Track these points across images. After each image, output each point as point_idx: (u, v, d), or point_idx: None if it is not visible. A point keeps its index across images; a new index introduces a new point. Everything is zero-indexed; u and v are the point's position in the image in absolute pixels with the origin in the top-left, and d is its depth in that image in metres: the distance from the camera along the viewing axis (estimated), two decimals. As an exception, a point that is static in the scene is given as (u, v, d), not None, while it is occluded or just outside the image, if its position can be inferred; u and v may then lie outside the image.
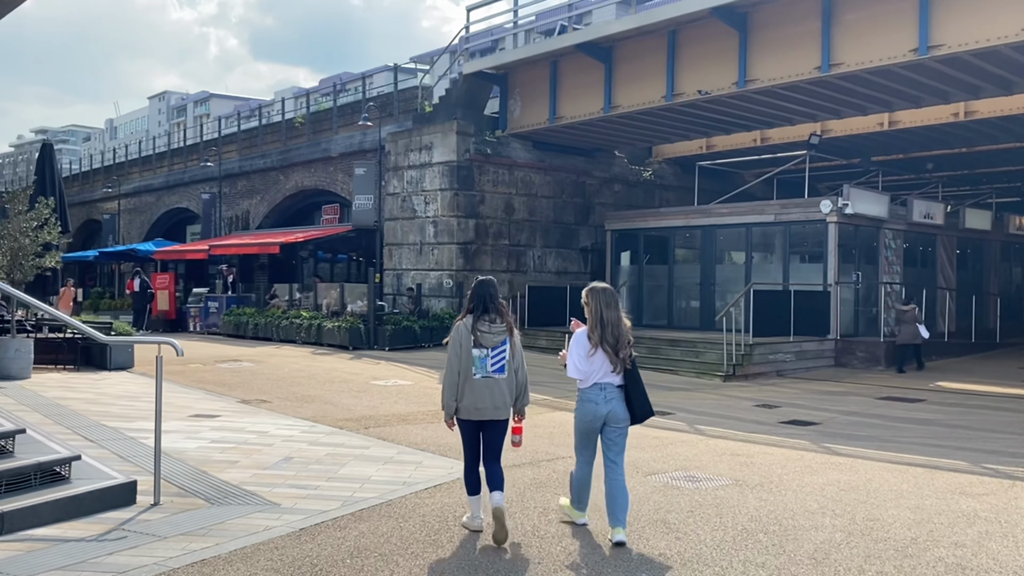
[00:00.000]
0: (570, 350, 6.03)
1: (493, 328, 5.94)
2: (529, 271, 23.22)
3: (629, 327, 6.03)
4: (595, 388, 5.98)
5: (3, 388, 12.30)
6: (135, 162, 40.03)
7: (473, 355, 5.88)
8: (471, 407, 5.89)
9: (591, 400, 5.99)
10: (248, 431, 9.65)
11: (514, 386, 6.01)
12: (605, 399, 5.96)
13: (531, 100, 22.13)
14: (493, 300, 6.03)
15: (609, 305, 5.97)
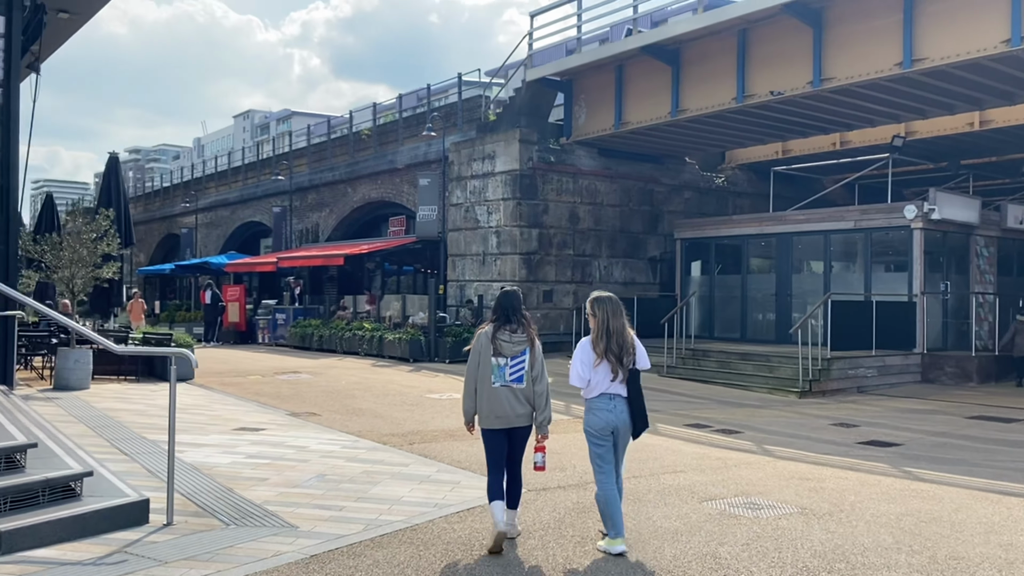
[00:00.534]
0: (573, 359, 6.01)
1: (514, 338, 5.97)
2: (595, 282, 22.56)
3: (633, 336, 6.02)
4: (603, 398, 5.91)
5: (58, 399, 12.33)
6: (212, 177, 40.93)
7: (492, 363, 5.91)
8: (491, 415, 5.91)
9: (603, 409, 5.90)
10: (288, 445, 9.31)
11: (531, 396, 5.96)
12: (615, 409, 5.89)
13: (596, 106, 21.54)
14: (516, 311, 6.10)
15: (615, 314, 5.96)
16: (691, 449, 10.08)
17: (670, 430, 11.52)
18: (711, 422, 12.27)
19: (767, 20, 17.16)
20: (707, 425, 11.99)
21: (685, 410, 13.46)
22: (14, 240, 12.87)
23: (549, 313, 21.72)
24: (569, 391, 7.17)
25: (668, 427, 11.74)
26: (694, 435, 11.19)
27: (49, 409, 11.13)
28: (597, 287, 22.18)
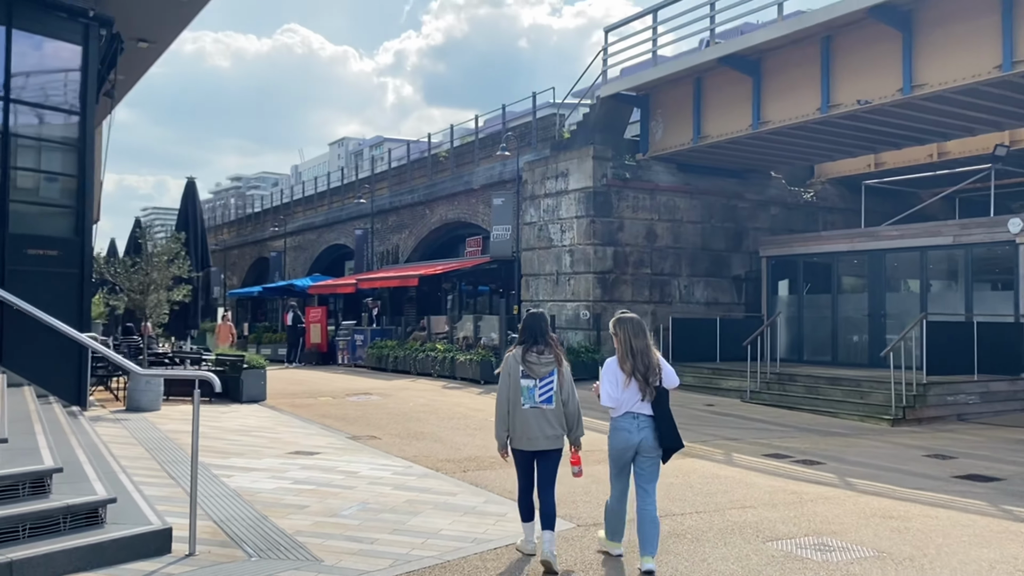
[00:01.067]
0: (602, 380, 6.06)
1: (542, 359, 6.03)
2: (674, 302, 21.82)
3: (659, 356, 6.11)
4: (627, 417, 5.97)
5: (126, 420, 12.47)
6: (299, 202, 41.83)
7: (522, 385, 6.00)
8: (522, 436, 5.99)
9: (624, 428, 5.98)
10: (338, 471, 9.05)
11: (562, 416, 6.03)
12: (638, 427, 5.95)
13: (674, 120, 20.91)
14: (543, 333, 6.18)
15: (637, 335, 6.05)
16: (765, 482, 9.36)
17: (745, 460, 10.80)
18: (792, 452, 11.46)
19: (852, 26, 16.26)
20: (787, 455, 11.20)
21: (765, 439, 12.66)
22: (88, 263, 13.16)
23: (626, 334, 21.07)
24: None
25: (744, 457, 11.01)
26: (771, 466, 10.44)
27: (112, 430, 11.22)
28: (677, 307, 21.49)
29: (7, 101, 12.36)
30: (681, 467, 10.09)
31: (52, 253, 12.86)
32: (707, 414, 15.21)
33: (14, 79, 12.47)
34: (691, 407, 16.11)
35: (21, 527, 5.33)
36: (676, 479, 9.34)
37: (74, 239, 13.07)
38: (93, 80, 13.25)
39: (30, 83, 12.85)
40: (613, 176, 20.99)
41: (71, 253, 13.00)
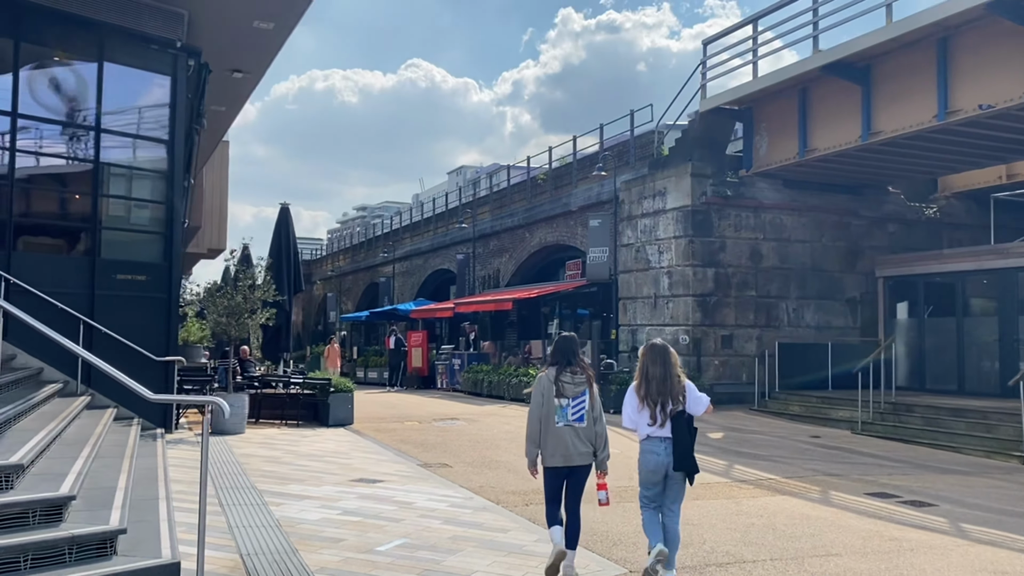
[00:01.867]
0: (624, 403, 6.40)
1: (575, 379, 6.23)
2: (782, 326, 20.57)
3: (684, 383, 6.26)
4: (654, 441, 6.16)
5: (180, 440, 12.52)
6: (407, 228, 42.42)
7: (555, 404, 6.16)
8: (556, 454, 6.13)
9: (652, 451, 6.17)
10: (394, 501, 8.66)
11: (592, 436, 6.19)
12: (666, 450, 6.12)
13: (779, 134, 19.81)
14: (575, 354, 6.37)
15: (655, 362, 6.23)
16: (861, 525, 8.37)
17: (844, 499, 9.76)
18: (900, 491, 10.31)
19: (970, 25, 14.92)
20: (894, 495, 10.07)
21: (872, 475, 11.50)
22: (175, 288, 13.39)
23: (729, 360, 19.99)
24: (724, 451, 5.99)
25: (842, 496, 9.97)
26: (872, 507, 9.38)
27: (185, 454, 11.25)
28: (785, 331, 20.26)
29: (98, 131, 12.77)
30: (768, 506, 9.21)
31: (140, 278, 13.16)
32: (811, 447, 14.06)
33: (105, 110, 12.89)
34: (795, 439, 14.98)
35: (23, 557, 5.13)
36: (758, 519, 8.48)
37: (162, 264, 13.34)
38: (182, 109, 13.57)
39: (120, 113, 13.26)
40: (713, 194, 20.05)
41: (159, 278, 13.27)
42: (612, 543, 7.39)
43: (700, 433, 14.29)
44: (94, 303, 12.59)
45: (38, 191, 12.60)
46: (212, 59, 16.01)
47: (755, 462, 12.31)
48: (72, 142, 12.65)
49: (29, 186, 12.45)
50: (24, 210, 12.41)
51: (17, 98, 12.02)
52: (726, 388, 19.75)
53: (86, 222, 12.82)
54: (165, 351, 13.23)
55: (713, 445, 13.93)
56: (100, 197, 12.85)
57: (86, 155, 12.67)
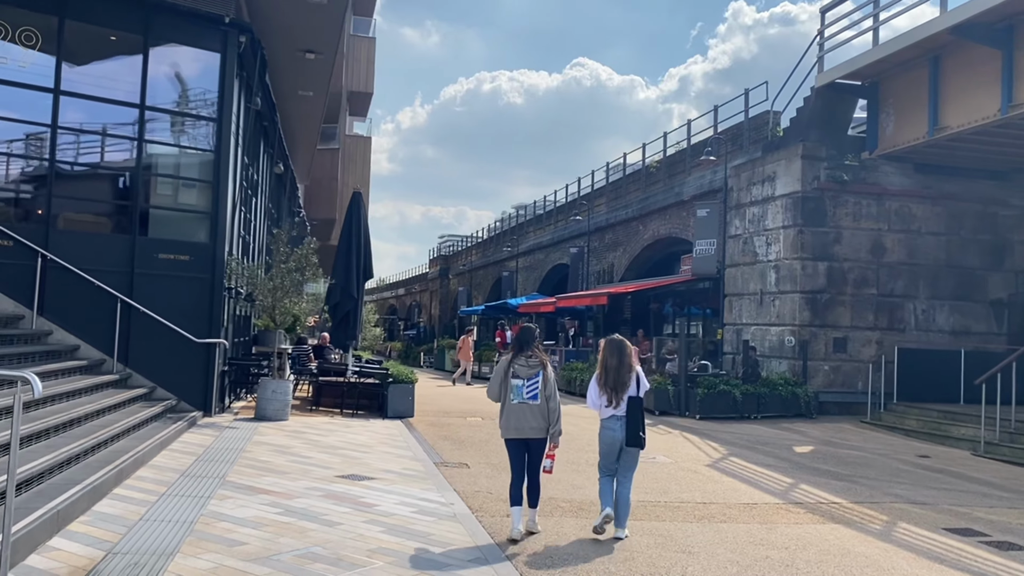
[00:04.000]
0: (589, 389, 7.50)
1: (529, 362, 7.15)
2: (908, 329, 18.12)
3: (638, 371, 7.41)
4: (613, 419, 7.28)
5: (234, 428, 12.12)
6: (531, 222, 41.63)
7: (512, 384, 7.12)
8: (511, 427, 7.13)
9: (610, 428, 7.31)
10: (357, 503, 7.74)
11: (546, 412, 7.08)
12: (620, 427, 7.23)
13: (907, 111, 17.41)
14: (530, 344, 7.30)
15: (613, 354, 7.37)
16: (910, 570, 6.67)
17: (908, 534, 7.98)
18: (992, 528, 8.37)
19: None
20: (980, 533, 8.16)
21: (968, 506, 9.50)
22: (220, 269, 13.10)
23: (841, 366, 17.79)
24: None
25: (910, 529, 8.18)
26: (942, 545, 7.57)
27: (198, 438, 10.83)
28: (912, 335, 17.85)
29: (143, 108, 12.64)
30: (804, 536, 7.62)
31: (184, 258, 12.95)
32: (910, 468, 11.99)
33: (151, 87, 12.75)
34: (896, 457, 12.91)
35: None
36: (779, 552, 6.98)
37: (207, 244, 13.10)
38: (231, 86, 13.27)
39: (167, 91, 13.10)
40: (827, 178, 17.91)
41: (203, 258, 13.03)
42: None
43: (782, 448, 12.59)
44: (133, 282, 12.50)
45: (79, 168, 12.59)
46: (279, 39, 15.77)
47: (829, 482, 10.53)
48: (116, 119, 12.58)
49: (70, 163, 12.46)
50: (64, 188, 12.44)
51: (60, 75, 12.05)
52: (836, 397, 17.61)
53: (128, 200, 12.74)
54: (207, 333, 12.99)
55: (791, 460, 12.15)
56: (142, 175, 12.76)
57: (130, 133, 12.60)
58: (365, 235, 17.12)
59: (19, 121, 12.12)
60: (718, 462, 11.78)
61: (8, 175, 12.37)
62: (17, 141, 12.30)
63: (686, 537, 7.41)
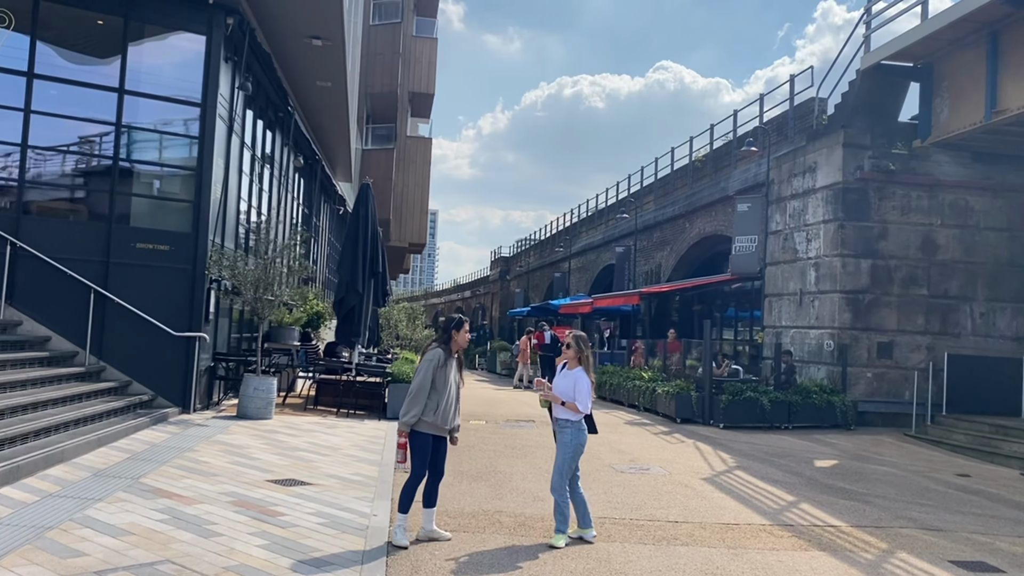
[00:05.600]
0: (586, 390, 6.89)
1: (458, 355, 6.73)
2: (963, 333, 16.45)
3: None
4: (587, 418, 7.04)
5: (204, 426, 11.53)
6: (584, 222, 40.51)
7: (447, 378, 6.53)
8: (443, 424, 6.57)
9: (584, 429, 7.01)
10: (268, 511, 6.97)
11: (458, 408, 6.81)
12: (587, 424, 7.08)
13: (964, 94, 15.80)
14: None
15: (589, 349, 7.27)
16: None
17: (905, 566, 6.81)
18: (1008, 563, 7.11)
19: None
20: (991, 568, 6.91)
21: (990, 535, 8.17)
22: (202, 260, 12.58)
23: (886, 373, 16.25)
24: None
25: (910, 560, 6.99)
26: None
27: (154, 436, 10.26)
28: (968, 341, 16.24)
29: (122, 92, 12.21)
30: (772, 565, 6.58)
31: (163, 248, 12.47)
32: (941, 488, 10.59)
33: (131, 69, 12.31)
34: (929, 476, 11.49)
35: None
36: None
37: (189, 234, 12.59)
38: (216, 70, 12.75)
39: (148, 74, 12.65)
40: (872, 168, 16.42)
41: (184, 248, 12.51)
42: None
43: (801, 461, 11.36)
44: (108, 272, 12.06)
45: (53, 154, 12.22)
46: (280, 25, 15.23)
47: (836, 502, 9.29)
48: (92, 103, 12.17)
49: (43, 149, 12.09)
50: (37, 174, 12.09)
51: (34, 58, 11.72)
52: (880, 407, 16.08)
53: (103, 188, 12.31)
54: (188, 326, 12.48)
55: (804, 475, 10.89)
56: (119, 161, 12.32)
57: (108, 117, 12.17)
58: (373, 229, 16.44)
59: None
60: (718, 475, 10.62)
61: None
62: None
63: (627, 563, 6.39)
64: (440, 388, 6.47)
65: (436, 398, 6.46)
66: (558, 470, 6.85)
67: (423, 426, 6.45)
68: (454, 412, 6.66)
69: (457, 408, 6.72)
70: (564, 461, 6.85)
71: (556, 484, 6.82)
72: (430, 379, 6.45)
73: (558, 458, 6.91)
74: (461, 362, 6.81)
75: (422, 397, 6.42)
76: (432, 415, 6.44)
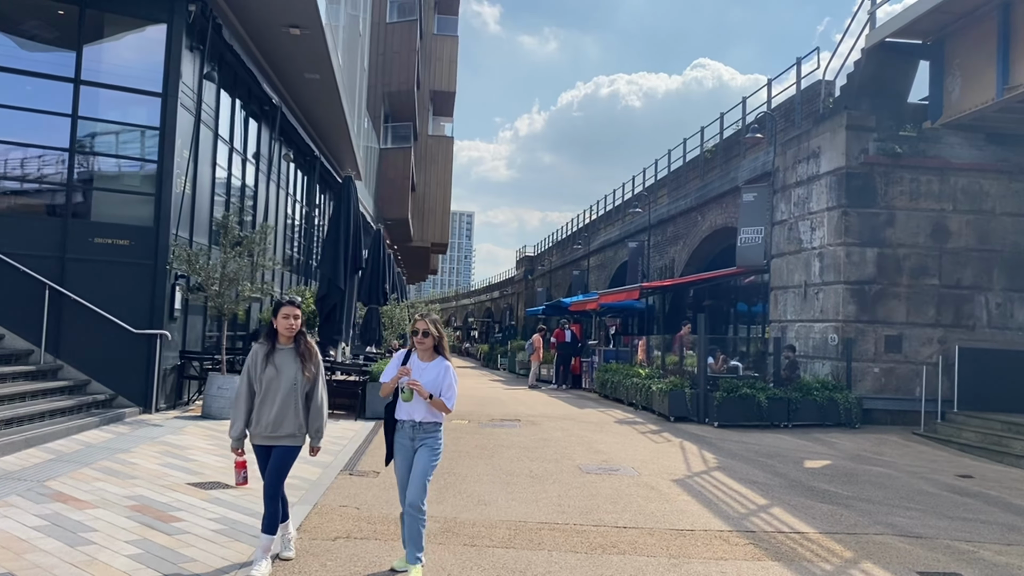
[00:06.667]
0: (452, 386, 5.51)
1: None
2: (978, 326, 15.49)
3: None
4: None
5: (159, 426, 11.10)
6: (602, 219, 39.72)
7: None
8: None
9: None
10: (167, 516, 6.47)
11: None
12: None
13: (976, 72, 14.86)
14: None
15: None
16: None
17: None
18: (987, 574, 6.31)
19: None
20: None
21: (975, 542, 7.38)
22: (163, 254, 12.18)
23: (895, 368, 15.34)
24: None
25: (872, 571, 6.27)
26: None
27: (94, 437, 9.85)
28: (983, 333, 15.30)
29: (78, 83, 11.86)
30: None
31: (123, 243, 12.09)
32: (936, 491, 9.76)
33: (88, 59, 11.96)
34: (930, 477, 10.65)
35: None
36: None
37: (149, 228, 12.20)
38: (177, 59, 12.34)
39: (106, 63, 12.27)
40: (877, 152, 15.53)
41: (145, 243, 12.13)
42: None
43: (789, 462, 10.66)
44: (65, 268, 11.70)
45: (5, 147, 11.87)
46: (254, 13, 14.81)
47: (814, 506, 8.54)
48: (48, 95, 11.82)
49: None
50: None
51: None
52: (888, 404, 15.19)
53: (59, 181, 11.95)
54: (149, 323, 12.08)
55: (788, 477, 10.13)
56: (76, 154, 11.95)
57: (62, 109, 11.81)
58: (356, 223, 15.94)
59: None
60: (692, 477, 9.91)
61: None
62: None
63: (545, 574, 5.76)
64: (261, 390, 5.38)
65: (259, 402, 5.39)
66: (422, 485, 5.36)
67: (255, 438, 5.43)
68: (277, 415, 5.34)
69: (297, 410, 5.39)
70: (428, 474, 5.43)
71: (421, 495, 5.35)
72: (245, 383, 5.39)
73: (423, 469, 5.39)
74: (306, 354, 5.48)
75: (240, 406, 5.37)
76: (255, 424, 5.39)
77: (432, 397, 5.37)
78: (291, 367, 5.41)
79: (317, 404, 5.51)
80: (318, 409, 5.52)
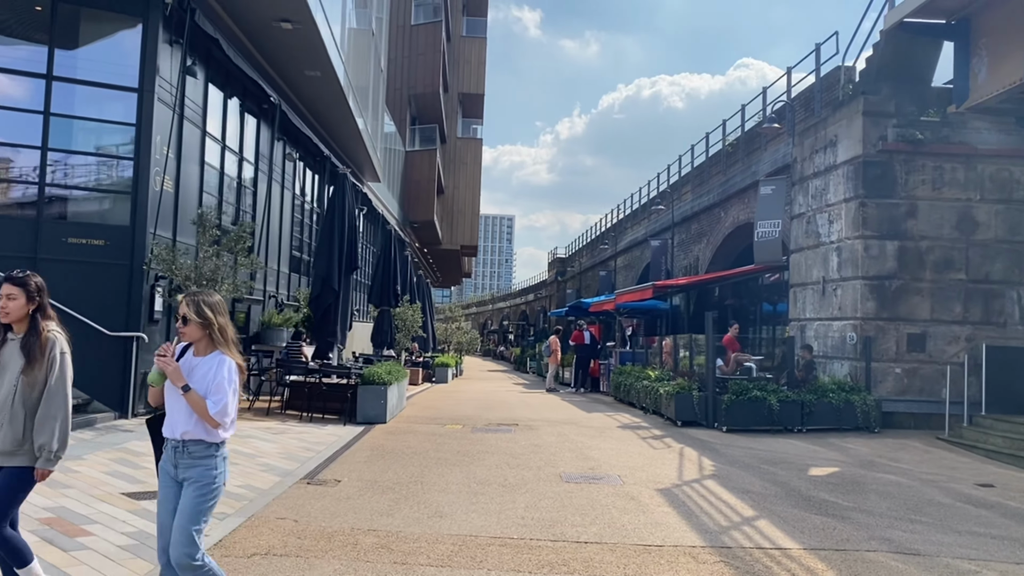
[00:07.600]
0: (223, 386, 4.08)
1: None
2: (1010, 323, 14.49)
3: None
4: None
5: (130, 432, 10.72)
6: (629, 218, 38.89)
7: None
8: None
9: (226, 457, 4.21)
10: (77, 529, 6.01)
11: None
12: None
13: (1004, 50, 13.89)
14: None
15: None
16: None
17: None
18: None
19: None
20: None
21: (979, 560, 6.60)
22: (140, 254, 11.82)
23: (918, 369, 14.41)
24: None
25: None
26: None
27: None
28: (1015, 330, 14.29)
29: (50, 79, 11.55)
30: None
31: (98, 242, 11.76)
32: (950, 502, 8.92)
33: (60, 54, 11.65)
34: (947, 486, 9.80)
35: None
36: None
37: (126, 227, 11.85)
38: (153, 53, 11.98)
39: (80, 58, 11.96)
40: (896, 139, 14.63)
41: (121, 243, 11.79)
42: None
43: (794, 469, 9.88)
44: (37, 268, 11.34)
45: (-25, 145, 11.61)
46: (244, 8, 14.44)
47: (807, 518, 7.80)
48: (18, 91, 11.53)
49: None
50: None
51: (-47, 44, 11.17)
52: (911, 407, 14.26)
53: (31, 180, 11.65)
54: (125, 325, 11.73)
55: (787, 486, 9.37)
56: (48, 151, 11.64)
57: (33, 106, 11.51)
58: (350, 222, 15.51)
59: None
60: (681, 486, 9.20)
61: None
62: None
63: None
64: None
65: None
66: (188, 537, 3.91)
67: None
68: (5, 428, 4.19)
69: (15, 420, 4.20)
70: (196, 520, 3.95)
71: (186, 550, 3.89)
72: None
73: (188, 514, 3.94)
74: (34, 348, 4.24)
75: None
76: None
77: (189, 389, 3.97)
78: (16, 364, 4.23)
79: (44, 413, 4.21)
80: (43, 420, 4.20)
